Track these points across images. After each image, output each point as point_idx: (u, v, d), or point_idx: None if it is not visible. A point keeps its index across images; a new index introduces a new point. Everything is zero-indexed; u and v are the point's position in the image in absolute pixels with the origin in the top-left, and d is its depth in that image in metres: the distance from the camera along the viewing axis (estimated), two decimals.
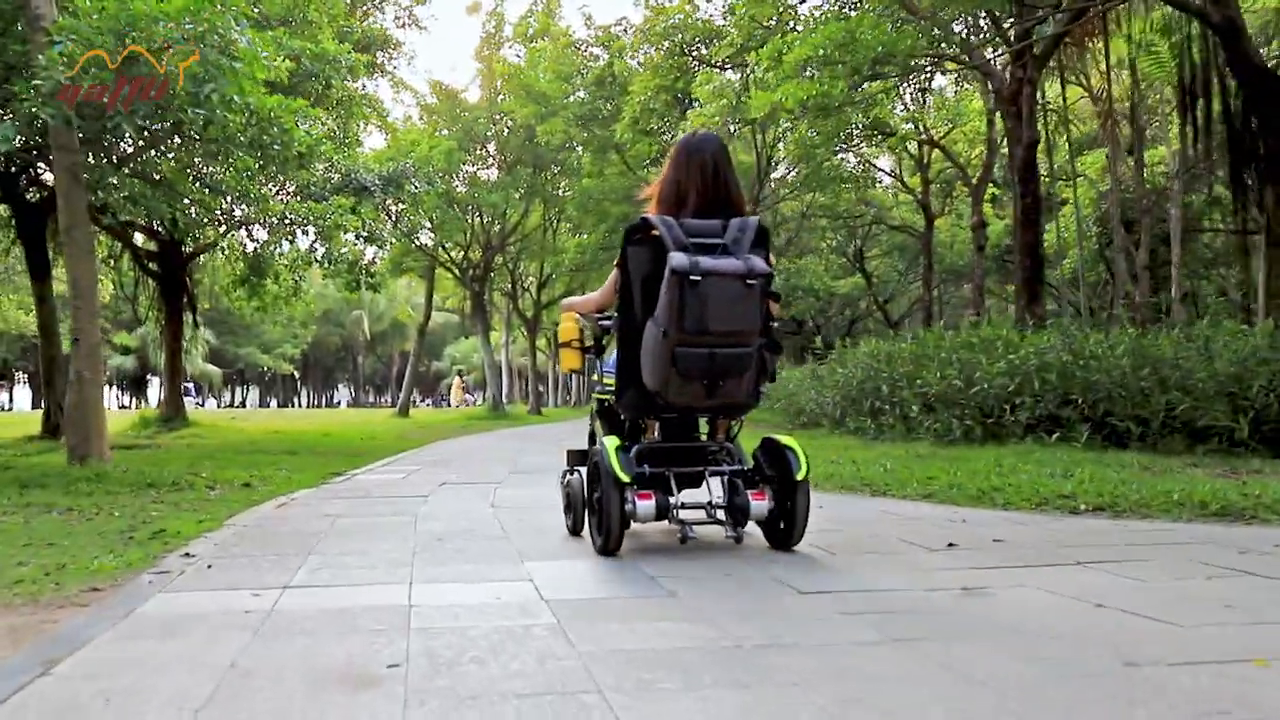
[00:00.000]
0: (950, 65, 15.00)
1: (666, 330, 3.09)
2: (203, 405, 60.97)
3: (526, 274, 32.81)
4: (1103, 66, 18.83)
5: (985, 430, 7.77)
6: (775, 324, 3.42)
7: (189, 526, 4.09)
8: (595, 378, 3.83)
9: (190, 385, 57.63)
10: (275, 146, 6.81)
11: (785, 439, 3.42)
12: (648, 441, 3.51)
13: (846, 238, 29.73)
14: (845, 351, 11.11)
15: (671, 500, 3.29)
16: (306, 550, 3.48)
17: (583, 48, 19.42)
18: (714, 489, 3.44)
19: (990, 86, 11.25)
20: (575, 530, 3.76)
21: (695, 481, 3.53)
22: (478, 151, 25.97)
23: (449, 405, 51.11)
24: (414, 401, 36.03)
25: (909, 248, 30.14)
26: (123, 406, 60.88)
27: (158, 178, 8.18)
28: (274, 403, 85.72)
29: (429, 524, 4.22)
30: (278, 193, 11.49)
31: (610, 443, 3.26)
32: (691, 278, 3.02)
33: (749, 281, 3.08)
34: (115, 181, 7.65)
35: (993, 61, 11.07)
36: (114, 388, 69.25)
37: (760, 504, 3.29)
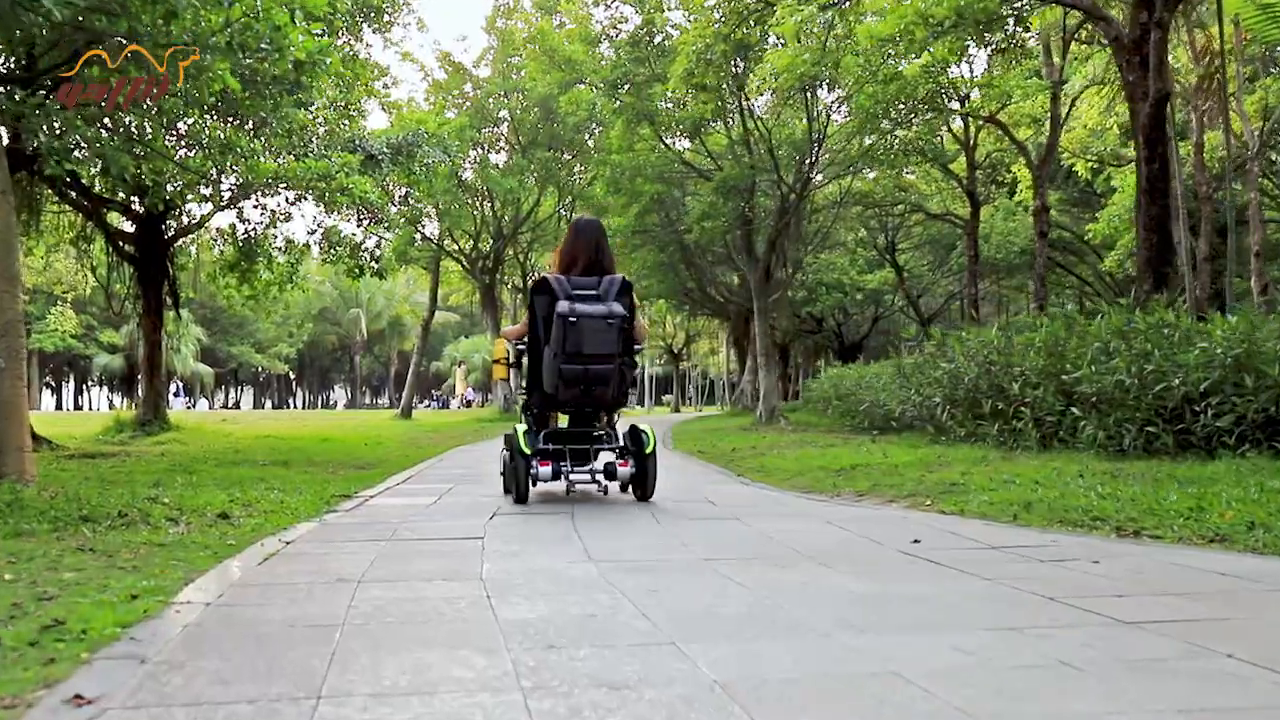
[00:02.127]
0: (1033, 24, 13.39)
1: (556, 353, 4.64)
2: (194, 407, 59.04)
3: (538, 265, 31.02)
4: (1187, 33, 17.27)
5: (1175, 439, 6.08)
6: (637, 347, 4.95)
7: (108, 613, 2.39)
8: (519, 384, 5.22)
9: (178, 384, 55.90)
10: (263, 49, 5.07)
11: (644, 425, 4.98)
12: (552, 428, 5.13)
13: (878, 228, 27.97)
14: (951, 341, 9.32)
15: (565, 467, 4.86)
16: (312, 686, 1.79)
17: (612, 5, 17.68)
18: (597, 461, 5.03)
19: (1108, 35, 9.54)
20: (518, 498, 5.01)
21: (587, 456, 5.01)
22: (488, 132, 24.15)
23: (466, 404, 49.34)
24: (414, 403, 34.26)
25: (942, 240, 28.45)
26: (114, 407, 58.85)
27: (109, 121, 6.51)
28: (269, 404, 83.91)
29: (513, 603, 2.52)
30: (277, 157, 9.68)
31: (520, 428, 4.88)
32: (570, 319, 4.59)
33: (609, 321, 4.64)
34: (60, 126, 5.96)
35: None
36: (103, 388, 67.48)
37: (625, 470, 4.90)
